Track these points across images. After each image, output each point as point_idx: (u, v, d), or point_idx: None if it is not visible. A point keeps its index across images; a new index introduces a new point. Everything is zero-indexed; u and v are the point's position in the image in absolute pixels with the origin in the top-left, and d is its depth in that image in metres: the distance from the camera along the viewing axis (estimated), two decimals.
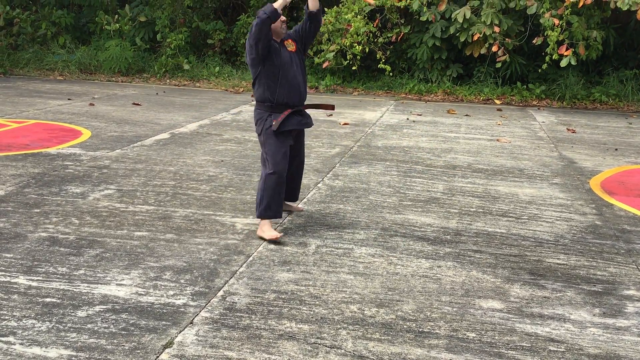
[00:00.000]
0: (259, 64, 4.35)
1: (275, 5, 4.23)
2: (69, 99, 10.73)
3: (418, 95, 12.65)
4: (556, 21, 10.98)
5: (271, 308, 3.40)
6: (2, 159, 6.43)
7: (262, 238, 4.40)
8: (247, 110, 10.30)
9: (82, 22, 15.80)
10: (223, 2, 15.15)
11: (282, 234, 4.45)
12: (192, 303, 3.43)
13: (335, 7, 12.67)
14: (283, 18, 4.35)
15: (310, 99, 10.67)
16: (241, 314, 3.32)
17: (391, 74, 12.95)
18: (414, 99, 12.43)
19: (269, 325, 3.22)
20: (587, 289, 3.80)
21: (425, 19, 12.34)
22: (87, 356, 2.87)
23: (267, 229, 4.39)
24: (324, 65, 12.58)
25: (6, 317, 3.20)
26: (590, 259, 4.28)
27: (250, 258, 4.09)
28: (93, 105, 10.21)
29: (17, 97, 10.72)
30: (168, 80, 13.78)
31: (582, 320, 3.41)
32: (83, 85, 12.74)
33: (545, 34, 11.32)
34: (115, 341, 3.01)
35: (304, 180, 5.95)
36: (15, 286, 3.56)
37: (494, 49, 11.64)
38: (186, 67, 13.85)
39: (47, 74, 14.13)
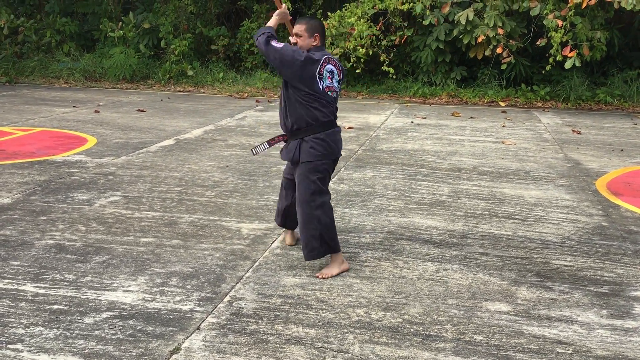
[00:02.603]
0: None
1: (270, 23, 3.98)
2: (74, 107, 10.77)
3: (422, 98, 12.65)
4: (560, 22, 10.97)
5: (278, 313, 3.40)
6: (9, 167, 6.46)
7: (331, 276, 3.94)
8: (251, 115, 10.32)
9: (86, 30, 15.87)
10: (226, 7, 15.20)
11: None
12: (198, 309, 3.43)
13: (338, 11, 12.70)
14: (292, 40, 3.98)
15: None
16: (248, 319, 3.32)
17: (394, 77, 12.96)
18: (418, 102, 12.42)
19: (276, 330, 3.22)
20: (594, 291, 3.79)
21: (427, 23, 12.35)
22: None
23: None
24: None
25: (14, 325, 3.21)
26: (597, 261, 4.27)
27: (257, 263, 4.09)
28: (98, 112, 10.24)
29: (22, 105, 10.77)
30: (172, 87, 13.81)
31: (589, 322, 3.39)
32: (88, 93, 12.79)
33: (549, 35, 11.31)
34: (122, 347, 3.02)
35: None
36: (22, 294, 3.57)
37: (498, 50, 11.63)
38: (190, 73, 13.89)
39: (53, 81, 14.19)
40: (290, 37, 4.06)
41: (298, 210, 3.95)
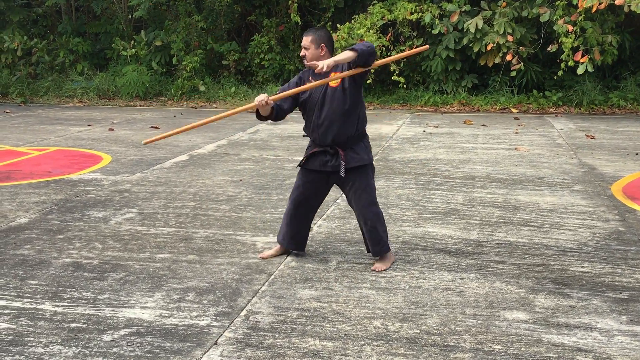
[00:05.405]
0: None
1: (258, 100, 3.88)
2: (88, 125, 10.89)
3: (434, 107, 12.64)
4: (570, 27, 10.94)
5: (294, 326, 3.40)
6: (25, 186, 6.53)
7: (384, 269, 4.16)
8: (263, 129, 10.36)
9: (99, 49, 16.06)
10: (236, 23, 15.32)
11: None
12: (215, 323, 3.44)
13: (347, 23, 12.75)
14: (302, 53, 4.08)
15: None
16: (265, 333, 3.32)
17: (405, 86, 12.96)
18: (429, 111, 12.42)
19: (293, 343, 3.21)
20: (613, 297, 3.75)
21: (437, 32, 12.37)
22: None
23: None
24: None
25: (33, 344, 3.24)
26: (615, 266, 4.23)
27: (272, 276, 4.10)
28: (112, 130, 10.34)
29: (37, 125, 10.90)
30: (185, 103, 13.92)
31: (609, 328, 3.36)
32: (102, 111, 12.92)
33: (559, 41, 11.28)
34: None
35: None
36: (41, 312, 3.60)
37: (508, 57, 11.62)
38: (202, 88, 14.00)
39: (67, 101, 14.36)
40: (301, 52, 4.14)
41: (367, 212, 4.15)
